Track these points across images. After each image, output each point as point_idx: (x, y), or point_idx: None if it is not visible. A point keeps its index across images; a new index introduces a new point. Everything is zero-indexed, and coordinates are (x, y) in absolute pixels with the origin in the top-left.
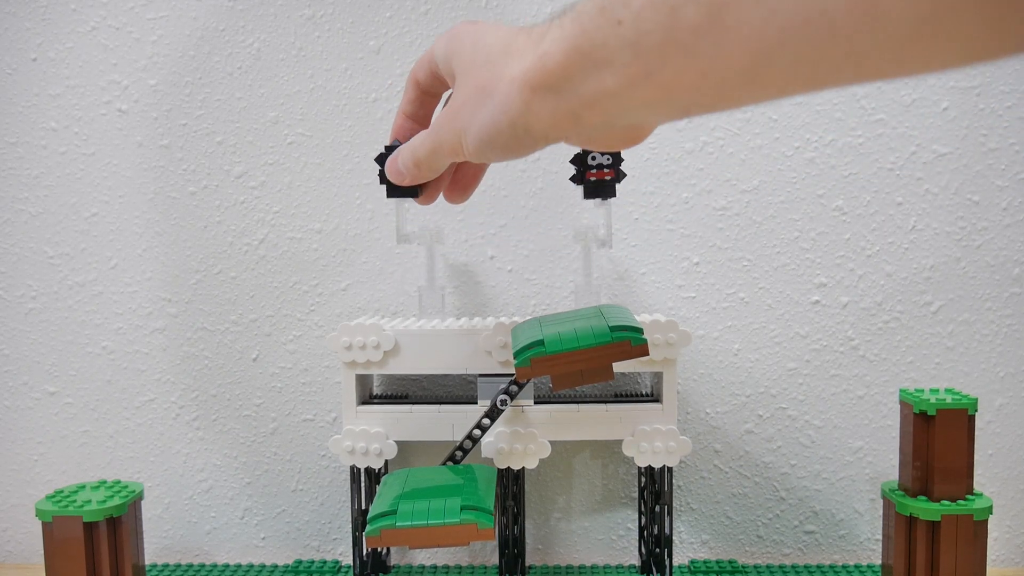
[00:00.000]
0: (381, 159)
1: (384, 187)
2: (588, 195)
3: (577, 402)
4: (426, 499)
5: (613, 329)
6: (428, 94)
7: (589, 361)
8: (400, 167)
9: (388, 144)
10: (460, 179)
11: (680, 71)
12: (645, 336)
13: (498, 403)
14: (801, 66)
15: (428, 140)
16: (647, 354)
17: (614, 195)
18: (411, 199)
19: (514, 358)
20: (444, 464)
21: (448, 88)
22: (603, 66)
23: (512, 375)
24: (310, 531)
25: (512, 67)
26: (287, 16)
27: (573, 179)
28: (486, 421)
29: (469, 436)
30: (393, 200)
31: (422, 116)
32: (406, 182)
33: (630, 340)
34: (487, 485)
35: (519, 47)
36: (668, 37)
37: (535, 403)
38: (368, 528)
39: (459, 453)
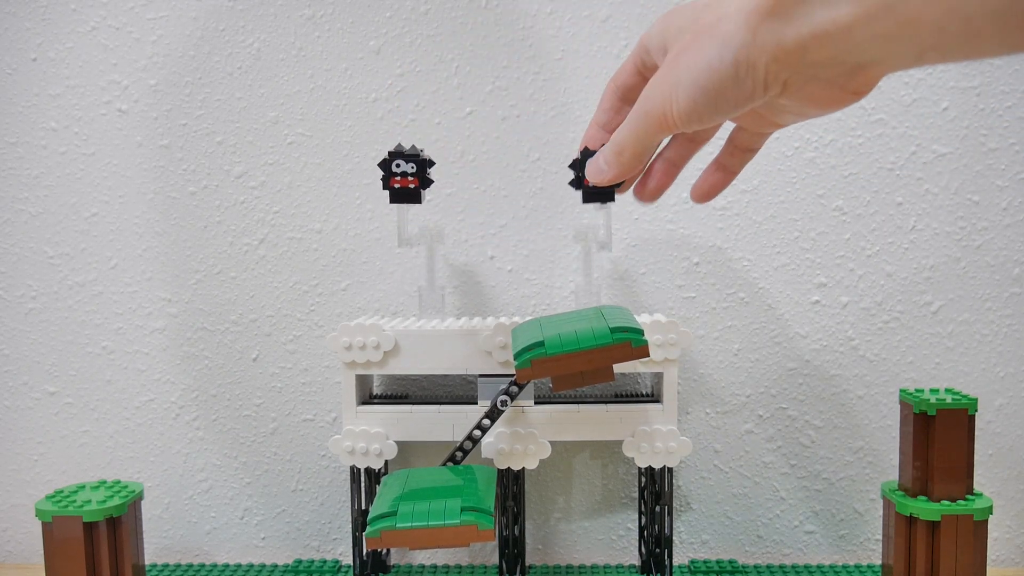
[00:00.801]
0: (386, 164)
1: (387, 193)
2: (587, 200)
3: (577, 402)
4: (426, 500)
5: (614, 330)
6: (628, 101)
7: (590, 362)
8: (602, 163)
9: (580, 151)
10: (667, 162)
11: (924, 4)
12: (645, 337)
13: (498, 404)
14: None
15: (631, 121)
16: (648, 355)
17: (613, 200)
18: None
19: (514, 359)
20: (444, 465)
21: None
22: None
23: (512, 375)
24: (310, 531)
25: (728, 13)
26: (287, 16)
27: (572, 184)
28: (486, 422)
29: (469, 437)
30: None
31: (618, 125)
32: (607, 178)
33: (631, 341)
34: (487, 486)
35: None
36: None
37: (535, 403)
38: (368, 529)
39: (459, 454)
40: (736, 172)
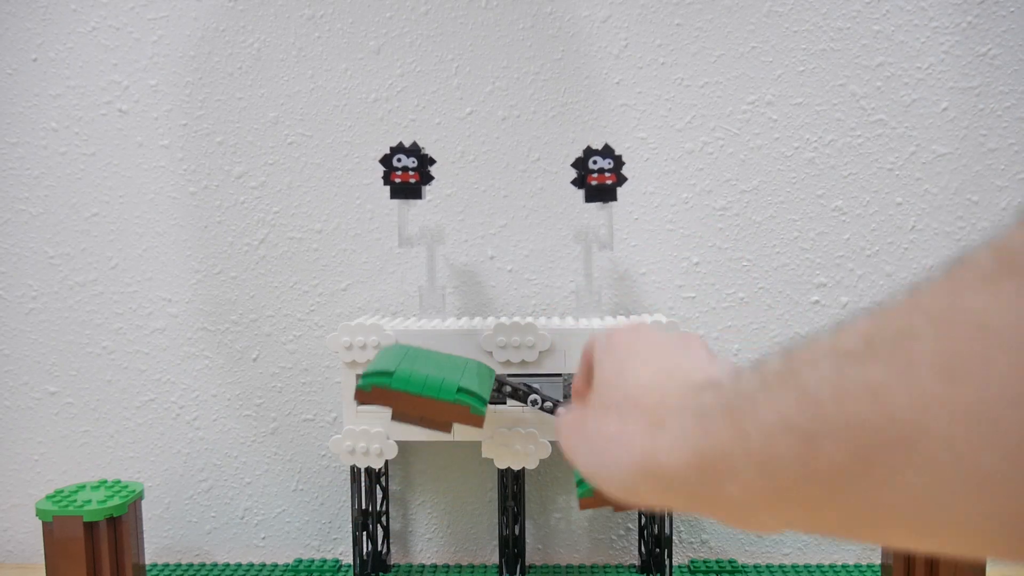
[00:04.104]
0: (387, 160)
1: (388, 188)
2: (589, 199)
3: None
4: (424, 372)
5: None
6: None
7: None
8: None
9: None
10: None
11: (822, 505)
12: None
13: (529, 401)
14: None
15: (559, 434)
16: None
17: (615, 199)
18: (415, 200)
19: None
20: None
21: None
22: (727, 476)
23: (518, 375)
24: (310, 531)
25: (635, 436)
26: (287, 16)
27: (574, 183)
28: (511, 401)
29: (510, 385)
30: (396, 201)
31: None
32: None
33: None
34: (485, 380)
35: (649, 411)
36: (805, 469)
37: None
38: (361, 382)
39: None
40: None
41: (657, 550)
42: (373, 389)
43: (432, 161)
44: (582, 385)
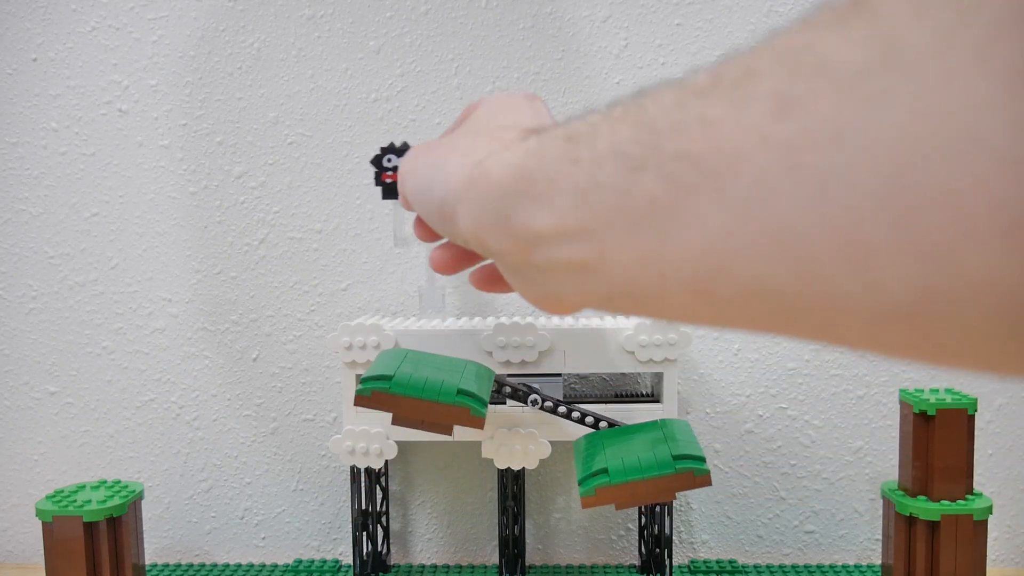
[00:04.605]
0: (377, 160)
1: (379, 189)
2: None
3: (578, 402)
4: (424, 375)
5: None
6: None
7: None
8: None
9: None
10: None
11: (619, 245)
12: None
13: (529, 401)
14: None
15: (402, 163)
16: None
17: None
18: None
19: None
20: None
21: None
22: (542, 199)
23: (518, 375)
24: (310, 531)
25: (478, 150)
26: (287, 16)
27: None
28: (512, 399)
29: (510, 385)
30: (390, 202)
31: None
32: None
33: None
34: (484, 382)
35: (501, 132)
36: (618, 200)
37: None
38: (360, 387)
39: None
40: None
41: (657, 550)
42: (373, 393)
43: None
44: (447, 133)
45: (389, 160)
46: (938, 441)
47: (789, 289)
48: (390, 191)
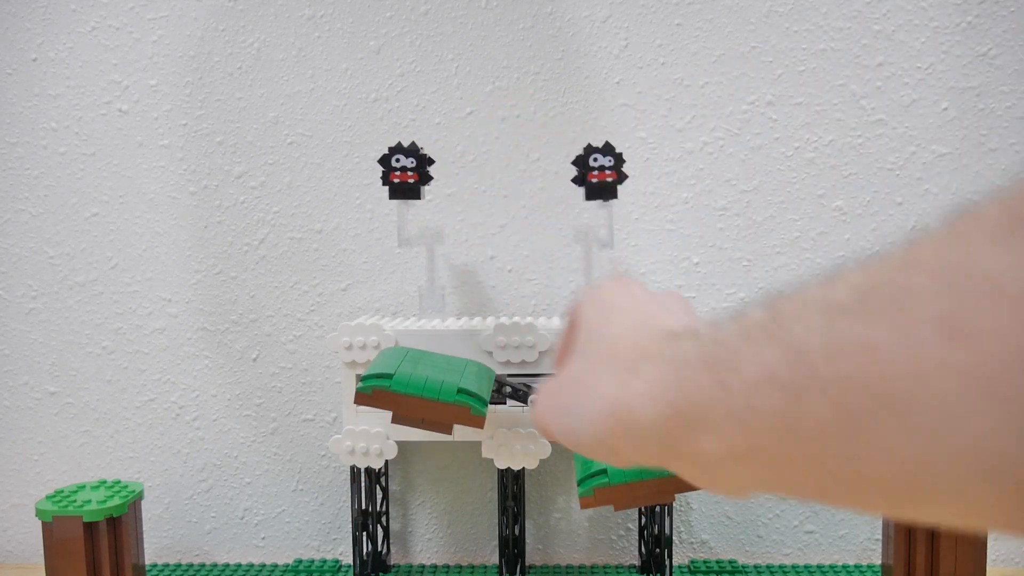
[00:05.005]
0: (386, 160)
1: (387, 188)
2: (590, 196)
3: None
4: (424, 374)
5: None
6: None
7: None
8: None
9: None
10: None
11: (800, 464)
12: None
13: (529, 401)
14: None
15: (534, 408)
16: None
17: (615, 197)
18: (414, 201)
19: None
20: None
21: None
22: (702, 429)
23: (518, 375)
24: (310, 531)
25: (606, 384)
26: (287, 16)
27: (575, 180)
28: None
29: (510, 385)
30: (395, 201)
31: None
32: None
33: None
34: (485, 381)
35: (623, 358)
36: (787, 425)
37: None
38: (361, 385)
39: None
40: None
41: (657, 550)
42: (373, 391)
43: (431, 161)
44: (562, 351)
45: (397, 160)
46: None
47: (988, 496)
48: (397, 191)
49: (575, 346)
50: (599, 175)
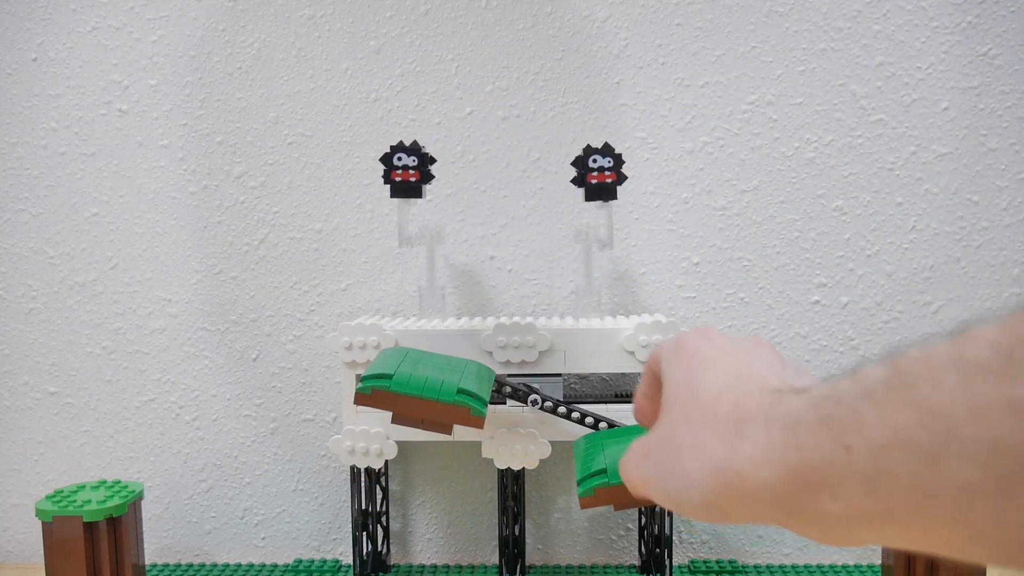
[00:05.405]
0: (387, 159)
1: (388, 187)
2: (589, 197)
3: (578, 402)
4: (424, 374)
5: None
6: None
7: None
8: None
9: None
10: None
11: (936, 525)
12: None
13: (529, 401)
14: None
15: (625, 468)
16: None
17: (615, 198)
18: (415, 199)
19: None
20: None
21: None
22: (825, 493)
23: (518, 375)
24: (310, 531)
25: (711, 447)
26: (287, 16)
27: (574, 181)
28: (511, 399)
29: (510, 385)
30: (396, 201)
31: (658, 400)
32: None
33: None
34: (485, 381)
35: (725, 418)
36: (923, 487)
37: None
38: (360, 385)
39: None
40: None
41: (657, 550)
42: (373, 392)
43: (432, 160)
44: (646, 403)
45: (399, 158)
46: None
47: None
48: (399, 189)
49: (665, 403)
50: (598, 176)
